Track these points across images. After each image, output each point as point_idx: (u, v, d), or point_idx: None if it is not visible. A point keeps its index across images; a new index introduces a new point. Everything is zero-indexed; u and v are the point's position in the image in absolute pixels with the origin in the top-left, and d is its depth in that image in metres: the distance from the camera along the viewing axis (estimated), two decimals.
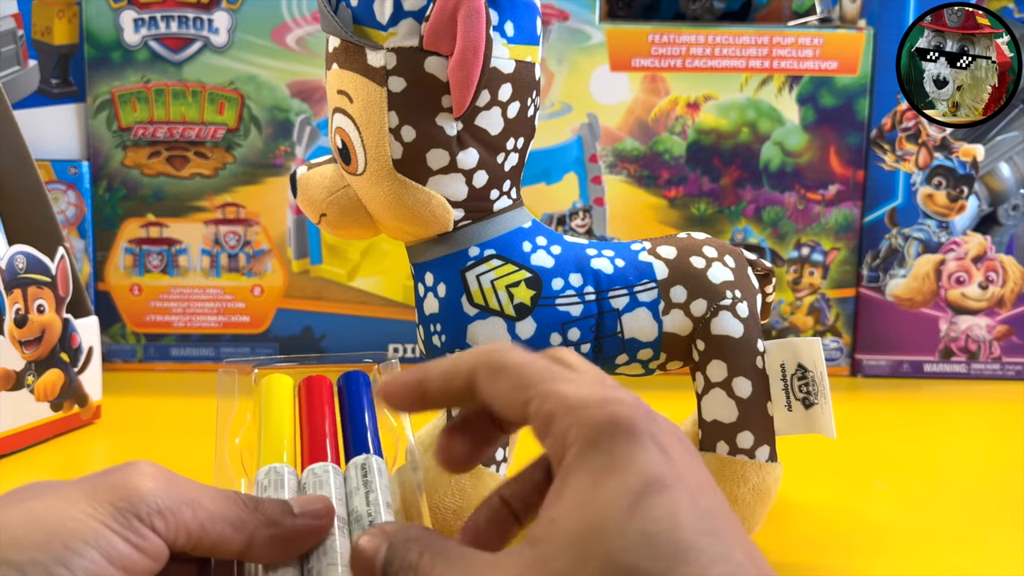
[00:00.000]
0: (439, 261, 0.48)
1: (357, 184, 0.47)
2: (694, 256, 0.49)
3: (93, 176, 0.81)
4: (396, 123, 0.45)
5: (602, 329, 0.48)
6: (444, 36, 0.43)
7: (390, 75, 0.44)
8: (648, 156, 0.82)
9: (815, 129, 0.81)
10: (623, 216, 0.82)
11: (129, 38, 0.79)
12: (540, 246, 0.48)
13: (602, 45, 0.80)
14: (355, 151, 0.46)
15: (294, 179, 0.50)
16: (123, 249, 0.82)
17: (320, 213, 0.49)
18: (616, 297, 0.48)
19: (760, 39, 0.80)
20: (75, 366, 0.66)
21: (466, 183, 0.46)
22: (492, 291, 0.47)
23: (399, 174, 0.46)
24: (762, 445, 0.48)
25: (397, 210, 0.46)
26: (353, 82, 0.45)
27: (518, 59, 0.46)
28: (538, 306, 0.47)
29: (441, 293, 0.48)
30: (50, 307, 0.64)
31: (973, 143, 0.82)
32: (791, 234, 0.83)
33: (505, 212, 0.48)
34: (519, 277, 0.47)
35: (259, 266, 0.82)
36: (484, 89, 0.45)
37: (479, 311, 0.47)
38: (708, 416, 0.48)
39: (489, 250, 0.47)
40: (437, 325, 0.48)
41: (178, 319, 0.82)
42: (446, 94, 0.44)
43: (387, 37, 0.44)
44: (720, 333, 0.48)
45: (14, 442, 0.62)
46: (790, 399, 0.48)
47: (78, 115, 0.81)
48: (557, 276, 0.48)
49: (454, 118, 0.45)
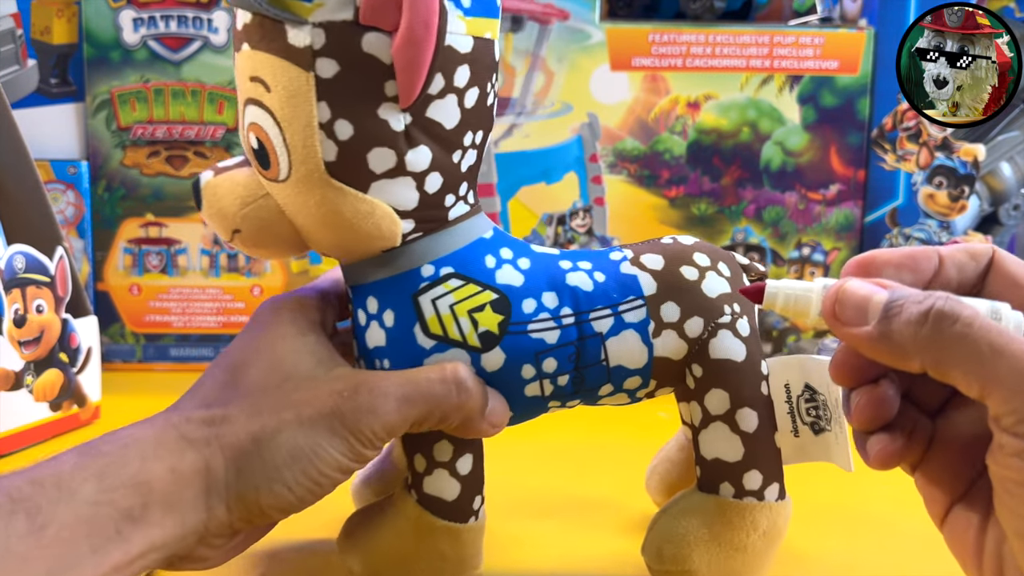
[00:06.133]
0: (385, 283, 0.40)
1: (279, 193, 0.39)
2: (685, 266, 0.42)
3: (92, 176, 0.80)
4: (328, 117, 0.37)
5: (584, 357, 0.41)
6: (386, 7, 0.35)
7: (318, 57, 0.36)
8: (648, 156, 0.81)
9: (816, 129, 0.81)
10: (623, 216, 0.82)
11: (128, 38, 0.79)
12: (505, 260, 0.41)
13: (602, 44, 0.80)
14: (275, 153, 0.38)
15: (197, 188, 0.41)
16: (122, 249, 0.81)
17: (232, 229, 0.41)
18: (599, 319, 0.41)
19: (761, 38, 0.80)
20: (74, 366, 0.66)
21: (417, 189, 0.39)
22: (452, 318, 0.40)
23: (334, 180, 0.37)
24: (771, 483, 0.42)
25: (333, 224, 0.38)
26: (270, 66, 0.37)
27: (476, 35, 0.38)
28: (507, 333, 0.40)
29: (388, 322, 0.40)
30: (49, 307, 0.64)
31: (974, 143, 0.82)
32: (792, 234, 0.83)
33: (462, 221, 0.41)
34: (483, 300, 0.40)
35: (258, 266, 0.82)
36: (437, 73, 0.37)
37: (437, 342, 0.40)
38: (709, 454, 0.42)
39: (446, 268, 0.40)
40: (384, 361, 0.40)
41: (177, 319, 0.82)
42: (390, 80, 0.36)
43: (312, 9, 0.36)
44: (720, 356, 0.41)
45: (13, 443, 0.62)
46: (796, 424, 0.43)
47: (77, 115, 0.81)
48: (528, 296, 0.40)
49: (401, 109, 0.37)
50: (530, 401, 0.42)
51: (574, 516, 0.53)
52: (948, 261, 0.35)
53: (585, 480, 0.59)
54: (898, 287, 0.32)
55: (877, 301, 0.32)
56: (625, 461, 0.58)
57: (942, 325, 0.30)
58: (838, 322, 0.33)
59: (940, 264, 0.35)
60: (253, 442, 0.37)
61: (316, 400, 0.38)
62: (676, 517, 0.42)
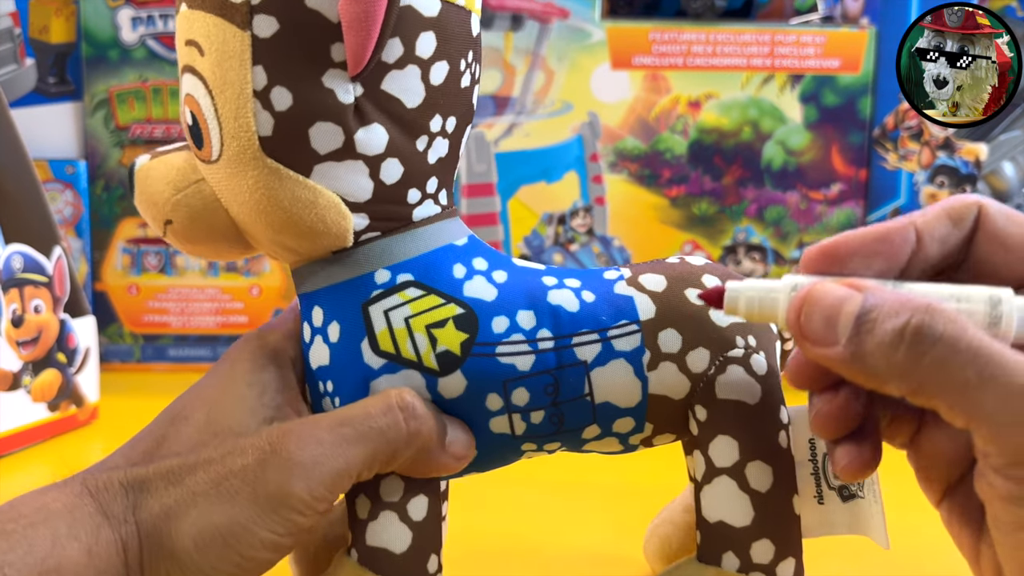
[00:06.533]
0: (332, 291, 0.34)
1: (212, 176, 0.34)
2: (691, 289, 0.35)
3: (90, 175, 0.80)
4: (264, 83, 0.31)
5: (563, 390, 0.34)
6: None
7: (255, 13, 0.31)
8: (649, 155, 0.81)
9: (817, 128, 0.81)
10: (624, 215, 0.82)
11: (127, 36, 0.79)
12: (478, 271, 0.35)
13: (603, 43, 0.80)
14: (206, 126, 0.33)
15: (132, 173, 0.36)
16: (120, 249, 0.81)
17: (164, 219, 0.35)
18: (583, 345, 0.34)
19: (762, 37, 0.80)
20: (72, 366, 0.66)
21: (370, 176, 0.33)
22: (406, 333, 0.33)
23: (269, 159, 0.32)
24: (786, 559, 0.34)
25: (268, 213, 0.33)
26: (204, 26, 0.32)
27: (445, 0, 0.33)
28: (471, 356, 0.33)
29: (333, 336, 0.34)
30: (47, 307, 0.64)
31: (976, 142, 0.81)
32: (793, 234, 0.82)
33: (430, 223, 0.35)
34: (445, 314, 0.33)
35: (257, 266, 0.82)
36: (395, 37, 0.32)
37: (387, 361, 0.33)
38: (711, 515, 0.35)
39: (404, 275, 0.34)
40: (328, 383, 0.34)
41: (176, 319, 0.82)
42: (338, 42, 0.31)
43: None
44: (728, 397, 0.34)
45: (11, 443, 0.62)
46: (821, 488, 0.36)
47: (75, 114, 0.80)
48: (500, 314, 0.34)
49: (350, 78, 0.32)
50: (497, 439, 0.35)
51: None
52: (927, 236, 0.30)
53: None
54: (873, 289, 0.28)
55: (848, 312, 0.27)
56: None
57: (920, 348, 0.26)
58: (805, 339, 0.28)
59: (919, 241, 0.30)
60: (165, 519, 0.31)
61: (235, 463, 0.31)
62: None
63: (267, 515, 0.31)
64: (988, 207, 0.30)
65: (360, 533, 0.34)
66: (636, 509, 0.47)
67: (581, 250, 0.82)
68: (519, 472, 0.40)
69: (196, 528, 0.31)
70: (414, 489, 0.35)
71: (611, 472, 0.57)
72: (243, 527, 0.31)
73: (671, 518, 0.42)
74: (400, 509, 0.34)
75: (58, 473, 0.61)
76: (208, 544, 0.30)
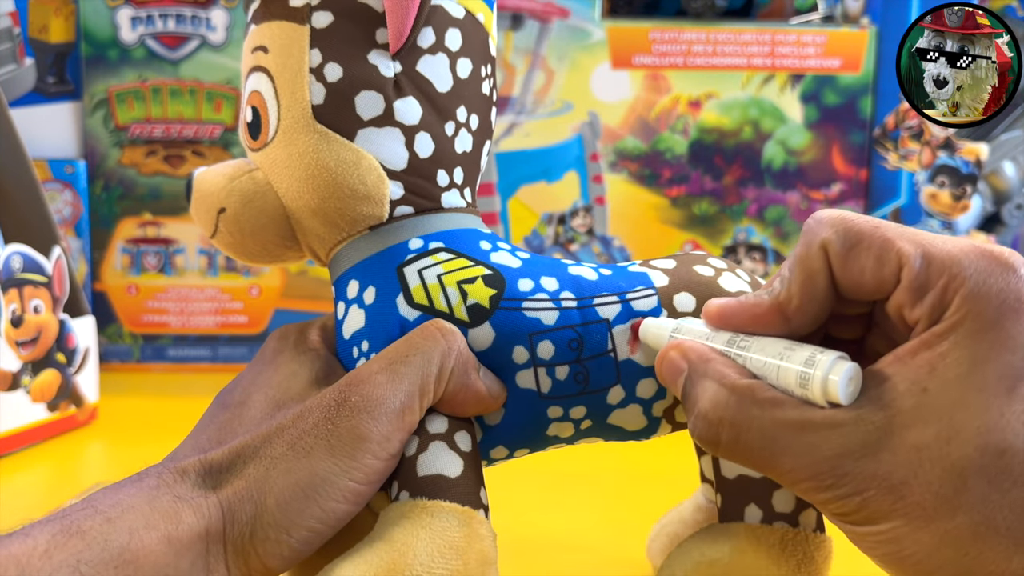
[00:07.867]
0: (368, 261, 0.38)
1: (266, 159, 0.38)
2: (699, 265, 0.39)
3: (90, 175, 0.80)
4: (319, 61, 0.37)
5: (587, 346, 0.36)
6: None
7: (315, 11, 0.37)
8: (649, 155, 0.81)
9: (818, 128, 0.81)
10: (624, 215, 0.82)
11: (126, 36, 0.79)
12: (502, 249, 0.38)
13: (603, 43, 0.80)
14: (266, 110, 0.38)
15: (190, 182, 0.41)
16: (120, 249, 0.81)
17: (218, 208, 0.39)
18: (604, 305, 0.37)
19: (762, 37, 0.80)
20: (71, 367, 0.66)
21: (405, 145, 0.37)
22: (439, 287, 0.36)
23: (319, 124, 0.37)
24: (807, 508, 0.36)
25: (315, 176, 0.37)
26: (271, 31, 0.38)
27: (468, 8, 0.38)
28: (498, 308, 0.36)
29: (369, 299, 0.37)
30: (46, 307, 0.64)
31: (977, 142, 0.81)
32: (794, 233, 0.82)
33: (456, 212, 0.39)
34: (475, 273, 0.37)
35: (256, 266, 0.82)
36: (428, 27, 0.37)
37: (420, 313, 0.36)
38: (730, 472, 0.36)
39: (436, 242, 0.37)
40: (364, 344, 0.37)
41: (175, 319, 0.82)
42: (382, 27, 0.37)
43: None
44: None
45: (10, 443, 0.62)
46: None
47: (74, 113, 0.80)
48: (525, 277, 0.37)
49: (391, 56, 0.37)
50: (524, 396, 0.37)
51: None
52: (793, 311, 0.32)
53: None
54: (693, 365, 0.33)
55: (679, 384, 0.33)
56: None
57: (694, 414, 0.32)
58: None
59: (791, 317, 0.32)
60: (247, 489, 0.33)
61: (307, 423, 0.33)
62: (687, 551, 0.36)
63: (344, 462, 0.33)
64: (831, 248, 0.31)
65: (410, 469, 0.35)
66: (636, 509, 0.48)
67: (581, 250, 0.82)
68: (519, 472, 0.41)
69: (278, 487, 0.32)
70: (457, 425, 0.36)
71: (611, 472, 0.59)
72: (322, 479, 0.32)
73: (682, 517, 0.43)
74: (448, 439, 0.36)
75: (58, 473, 0.61)
76: (289, 500, 0.32)
